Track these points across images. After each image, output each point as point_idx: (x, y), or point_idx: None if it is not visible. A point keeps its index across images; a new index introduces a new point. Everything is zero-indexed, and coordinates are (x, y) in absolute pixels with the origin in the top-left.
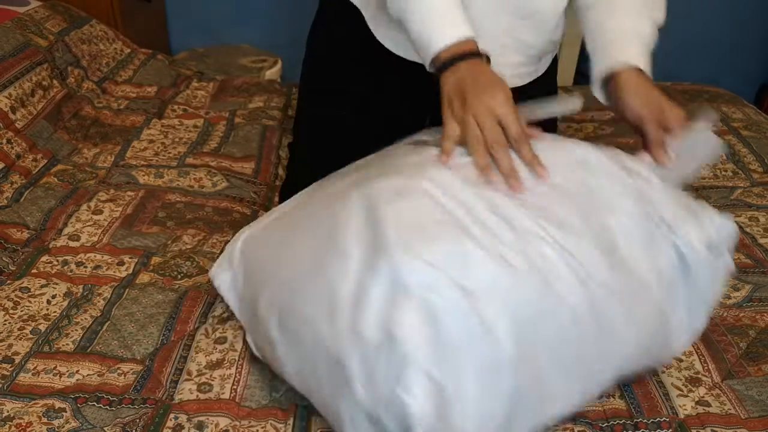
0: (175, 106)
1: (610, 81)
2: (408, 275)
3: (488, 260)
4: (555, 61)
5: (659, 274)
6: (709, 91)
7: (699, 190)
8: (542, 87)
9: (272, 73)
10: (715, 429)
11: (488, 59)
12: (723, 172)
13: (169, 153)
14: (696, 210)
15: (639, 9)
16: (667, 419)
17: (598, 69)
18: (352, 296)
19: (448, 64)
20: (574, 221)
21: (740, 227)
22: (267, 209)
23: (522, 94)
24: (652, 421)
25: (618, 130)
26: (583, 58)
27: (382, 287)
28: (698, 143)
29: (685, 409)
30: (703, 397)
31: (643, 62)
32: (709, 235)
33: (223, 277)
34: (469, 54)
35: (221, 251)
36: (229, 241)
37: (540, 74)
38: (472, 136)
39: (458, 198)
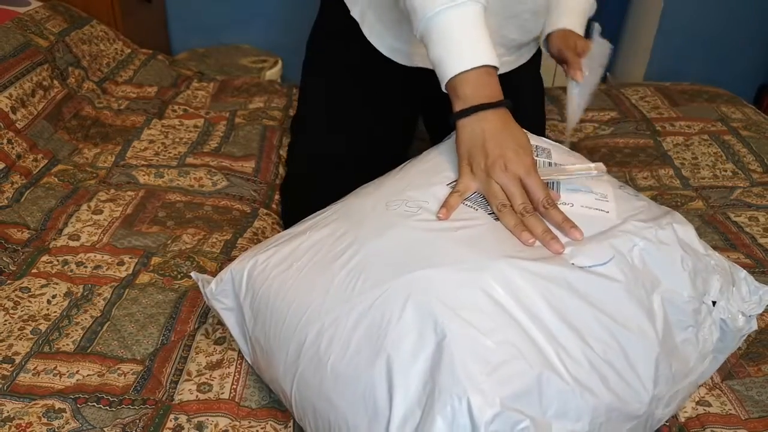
0: (176, 107)
1: (549, 36)
2: (480, 418)
3: (566, 390)
4: (539, 52)
5: (702, 353)
6: (709, 91)
7: (699, 190)
8: (526, 75)
9: (272, 73)
10: (714, 429)
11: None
12: (723, 172)
13: (170, 153)
14: (737, 278)
15: None
16: (667, 423)
17: (545, 31)
18: (402, 418)
19: (471, 111)
20: (630, 316)
21: (740, 227)
22: (267, 207)
23: (507, 82)
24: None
25: (617, 130)
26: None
27: (446, 425)
28: (597, 53)
29: (686, 412)
30: (703, 397)
31: (575, 26)
32: (747, 304)
33: (225, 302)
34: (494, 104)
35: (220, 251)
36: (228, 239)
37: (522, 63)
38: (499, 202)
39: (521, 299)
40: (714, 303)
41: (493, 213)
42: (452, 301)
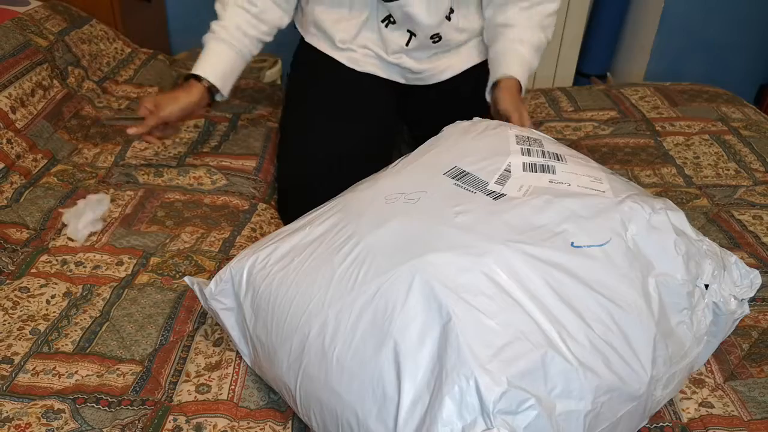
0: None
1: (496, 85)
2: (488, 396)
3: (569, 370)
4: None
5: (697, 336)
6: (709, 91)
7: (703, 188)
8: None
9: (272, 73)
10: (717, 431)
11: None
12: (725, 171)
13: (170, 153)
14: (728, 263)
15: (524, 35)
16: (670, 424)
17: (491, 77)
18: (411, 402)
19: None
20: (628, 298)
21: (744, 226)
22: (266, 203)
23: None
24: (655, 426)
25: (617, 130)
26: (583, 59)
27: (455, 405)
28: None
29: (689, 413)
30: (706, 398)
31: (521, 76)
32: (739, 288)
33: (225, 301)
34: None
35: (219, 250)
36: (227, 238)
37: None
38: None
39: (522, 282)
40: (707, 286)
41: (491, 193)
42: (455, 284)
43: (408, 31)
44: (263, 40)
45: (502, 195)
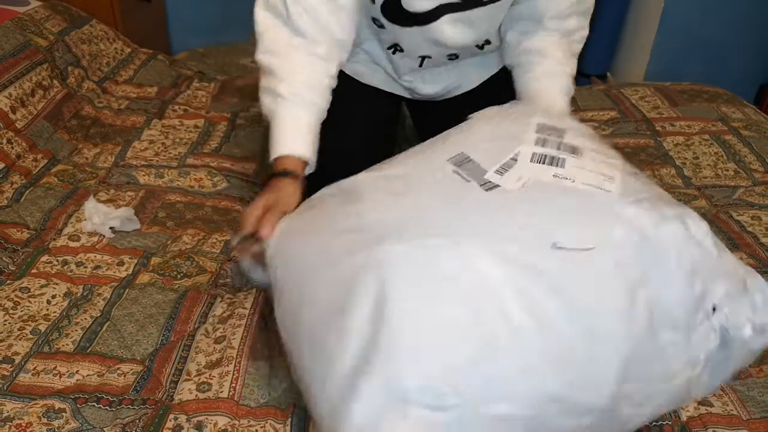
0: (176, 107)
1: None
2: (411, 386)
3: (511, 371)
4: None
5: (692, 358)
6: (709, 91)
7: (702, 189)
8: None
9: None
10: (716, 430)
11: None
12: (724, 172)
13: (170, 153)
14: (749, 285)
15: (560, 68)
16: (670, 422)
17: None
18: (343, 383)
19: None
20: (604, 308)
21: (743, 226)
22: None
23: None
24: (654, 425)
25: (617, 130)
26: (583, 59)
27: (375, 388)
28: None
29: (688, 411)
30: (705, 397)
31: (566, 107)
32: (759, 315)
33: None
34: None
35: (220, 251)
36: (228, 240)
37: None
38: None
39: (484, 277)
40: (715, 309)
41: (485, 184)
42: (413, 273)
43: (420, 56)
44: (333, 87)
45: (496, 186)
